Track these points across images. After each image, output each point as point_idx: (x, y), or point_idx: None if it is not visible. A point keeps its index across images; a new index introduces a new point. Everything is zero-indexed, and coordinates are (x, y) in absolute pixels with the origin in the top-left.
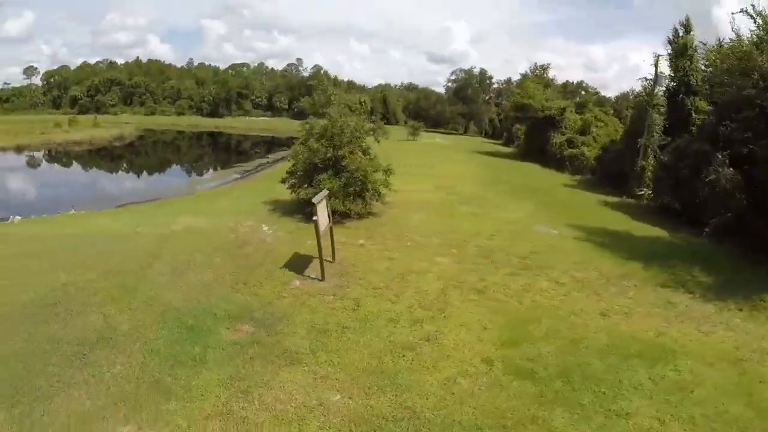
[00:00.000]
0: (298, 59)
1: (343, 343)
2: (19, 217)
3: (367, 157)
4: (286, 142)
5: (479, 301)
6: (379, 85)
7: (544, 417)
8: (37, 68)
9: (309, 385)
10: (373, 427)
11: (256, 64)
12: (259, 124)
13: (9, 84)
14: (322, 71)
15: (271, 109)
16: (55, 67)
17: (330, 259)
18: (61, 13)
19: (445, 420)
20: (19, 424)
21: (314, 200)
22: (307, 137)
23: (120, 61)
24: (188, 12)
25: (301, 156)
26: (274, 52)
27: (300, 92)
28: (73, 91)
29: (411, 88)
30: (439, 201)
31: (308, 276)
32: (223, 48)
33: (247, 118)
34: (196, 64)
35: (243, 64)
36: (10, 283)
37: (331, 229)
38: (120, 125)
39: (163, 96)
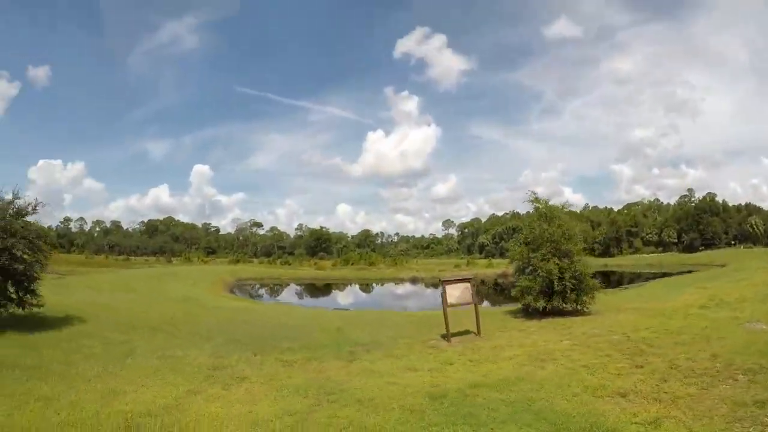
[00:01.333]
0: (690, 189)
1: (382, 361)
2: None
3: (565, 261)
4: (677, 275)
5: (521, 364)
6: None
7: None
8: (452, 221)
9: (333, 368)
10: (315, 394)
11: (648, 201)
12: (647, 260)
13: (432, 235)
14: (709, 198)
15: (661, 244)
16: (468, 220)
17: (475, 331)
18: (485, 175)
19: (347, 397)
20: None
21: (442, 278)
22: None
23: (523, 210)
24: (596, 160)
25: (513, 260)
26: (684, 185)
27: (688, 224)
28: (482, 238)
29: None
30: (677, 306)
31: (445, 340)
32: (633, 189)
33: (637, 255)
34: (591, 207)
35: (636, 203)
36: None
37: (475, 306)
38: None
39: None
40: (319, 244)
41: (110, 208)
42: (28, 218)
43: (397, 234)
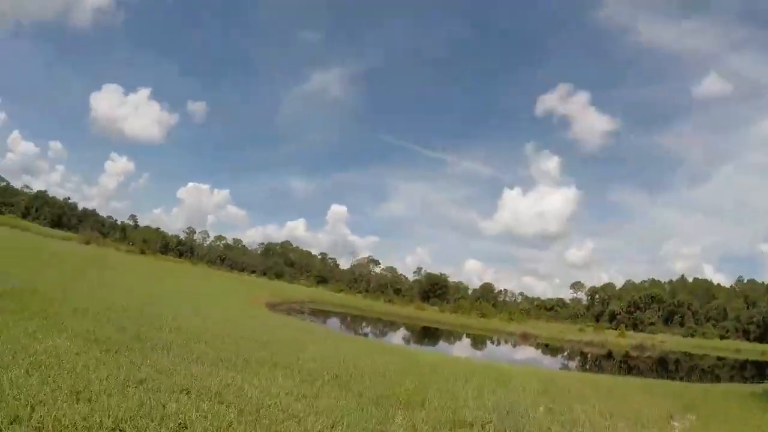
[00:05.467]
0: None
1: None
2: None
3: None
4: None
5: None
6: None
7: None
8: (583, 284)
9: None
10: None
11: None
12: None
13: (558, 298)
14: None
15: None
16: (600, 285)
17: None
18: (622, 243)
19: None
20: None
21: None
22: None
23: (664, 279)
24: (745, 237)
25: None
26: None
27: None
28: (614, 305)
29: None
30: None
31: None
32: None
33: None
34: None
35: None
36: None
37: None
38: (650, 340)
39: (706, 317)
40: (434, 289)
41: (248, 234)
42: None
43: (521, 294)
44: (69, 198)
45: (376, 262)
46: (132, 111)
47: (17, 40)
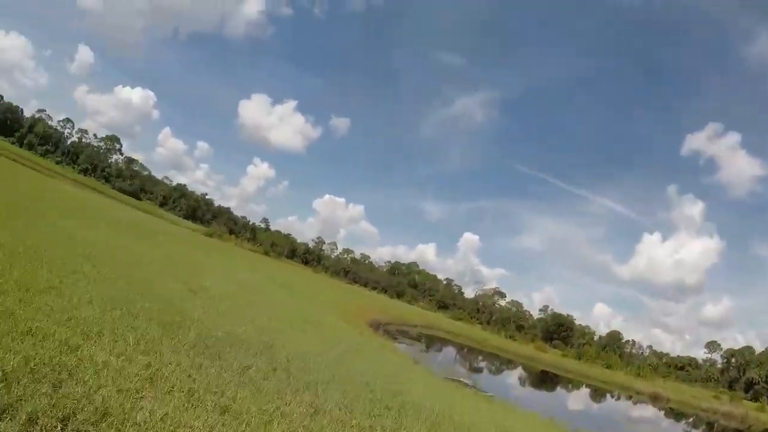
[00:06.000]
0: None
1: None
2: None
3: None
4: None
5: None
6: None
7: None
8: (719, 344)
9: None
10: None
11: None
12: None
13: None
14: None
15: None
16: (738, 347)
17: None
18: (761, 303)
19: None
20: None
21: None
22: None
23: None
24: None
25: None
26: None
27: None
28: (752, 373)
29: None
30: None
31: None
32: None
33: None
34: None
35: None
36: None
37: None
38: None
39: None
40: (558, 331)
41: (378, 251)
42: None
43: (650, 347)
44: (206, 194)
45: (502, 295)
46: (277, 121)
47: (174, 45)
